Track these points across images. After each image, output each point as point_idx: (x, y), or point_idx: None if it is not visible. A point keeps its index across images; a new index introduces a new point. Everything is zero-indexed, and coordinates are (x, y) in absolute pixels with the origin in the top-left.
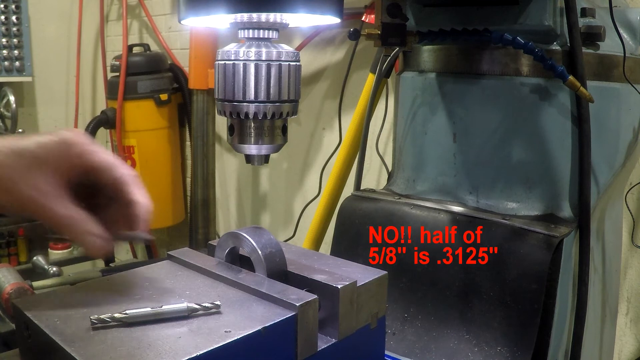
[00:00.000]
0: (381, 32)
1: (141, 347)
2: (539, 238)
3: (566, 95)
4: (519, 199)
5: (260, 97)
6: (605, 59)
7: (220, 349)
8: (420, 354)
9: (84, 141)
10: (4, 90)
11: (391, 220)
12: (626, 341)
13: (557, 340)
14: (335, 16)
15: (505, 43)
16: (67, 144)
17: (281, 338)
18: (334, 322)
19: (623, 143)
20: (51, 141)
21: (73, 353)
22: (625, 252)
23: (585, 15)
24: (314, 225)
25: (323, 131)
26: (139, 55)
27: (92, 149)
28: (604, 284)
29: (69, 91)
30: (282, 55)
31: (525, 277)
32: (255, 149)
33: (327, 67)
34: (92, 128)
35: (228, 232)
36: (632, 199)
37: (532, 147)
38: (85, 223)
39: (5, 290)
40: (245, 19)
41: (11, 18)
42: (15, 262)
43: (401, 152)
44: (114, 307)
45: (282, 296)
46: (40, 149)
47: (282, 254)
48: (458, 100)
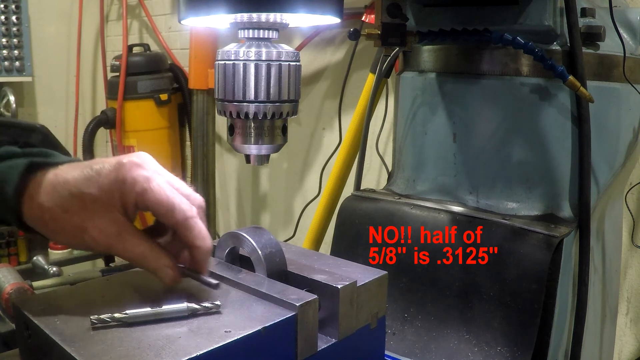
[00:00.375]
0: (381, 32)
1: (141, 347)
2: (539, 238)
3: (566, 95)
4: (519, 199)
5: (260, 97)
6: (605, 59)
7: (220, 349)
8: (420, 354)
9: (139, 176)
10: (4, 90)
11: (391, 220)
12: (626, 341)
13: (557, 340)
14: (335, 16)
15: (505, 43)
16: (123, 182)
17: (281, 338)
18: (334, 322)
19: (623, 143)
20: (107, 178)
21: (73, 353)
22: (625, 252)
23: (585, 15)
24: (314, 225)
25: (323, 131)
26: (139, 55)
27: (148, 187)
28: (604, 284)
29: (69, 91)
30: (282, 55)
31: (525, 277)
32: (255, 149)
33: (327, 67)
34: (92, 128)
35: (228, 232)
36: (632, 199)
37: (532, 147)
38: (156, 257)
39: (5, 290)
40: (245, 19)
41: (11, 18)
42: (15, 262)
43: (401, 152)
44: (114, 307)
45: (282, 296)
46: (96, 187)
47: (282, 254)
48: (458, 100)
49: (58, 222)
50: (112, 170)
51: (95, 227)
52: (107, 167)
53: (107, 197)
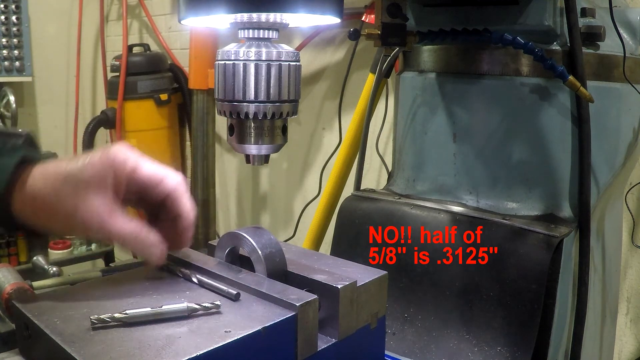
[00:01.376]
0: (381, 32)
1: (141, 347)
2: (539, 238)
3: (566, 95)
4: (519, 199)
5: (260, 97)
6: (605, 59)
7: (220, 349)
8: (420, 354)
9: (128, 157)
10: (4, 90)
11: (391, 220)
12: (626, 341)
13: (557, 340)
14: (335, 16)
15: (505, 43)
16: (114, 163)
17: (281, 338)
18: (334, 322)
19: (623, 143)
20: (98, 162)
21: (73, 353)
22: (625, 252)
23: (585, 15)
24: (314, 225)
25: (323, 131)
26: (139, 55)
27: (137, 165)
28: (604, 284)
29: (69, 91)
30: (282, 55)
31: (525, 277)
32: (255, 149)
33: (327, 67)
34: (92, 128)
35: (228, 232)
36: (632, 199)
37: (532, 147)
38: (146, 235)
39: (5, 290)
40: (245, 19)
41: (11, 18)
42: (15, 262)
43: (401, 152)
44: (114, 307)
45: (282, 296)
46: (89, 171)
47: (282, 254)
48: (458, 100)
49: (50, 208)
50: (102, 155)
51: (87, 209)
52: (97, 154)
53: (99, 179)
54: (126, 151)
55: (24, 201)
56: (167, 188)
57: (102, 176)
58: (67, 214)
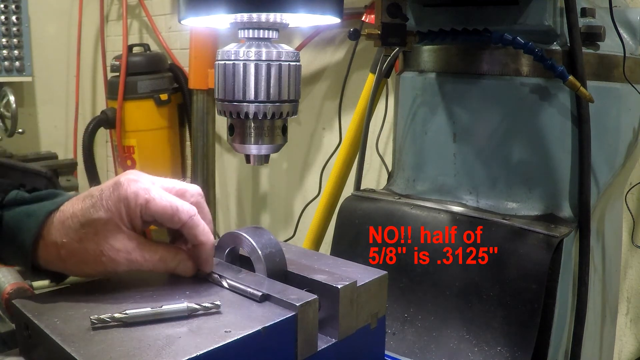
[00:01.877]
0: (381, 32)
1: (141, 347)
2: (539, 238)
3: (566, 95)
4: (519, 199)
5: (260, 97)
6: (605, 59)
7: (220, 349)
8: (420, 354)
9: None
10: (4, 90)
11: (391, 220)
12: (626, 341)
13: (557, 340)
14: (335, 16)
15: (505, 43)
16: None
17: (281, 338)
18: (334, 322)
19: (623, 143)
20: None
21: (73, 353)
22: (625, 252)
23: (585, 15)
24: (314, 225)
25: (323, 131)
26: (139, 55)
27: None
28: (604, 284)
29: (69, 91)
30: (282, 55)
31: (525, 277)
32: (255, 149)
33: (327, 67)
34: (92, 128)
35: (228, 232)
36: (632, 199)
37: (532, 147)
38: (174, 256)
39: (5, 290)
40: (245, 19)
41: (11, 18)
42: None
43: (401, 152)
44: (114, 307)
45: (282, 296)
46: (103, 211)
47: (282, 254)
48: (458, 100)
49: (75, 254)
50: (113, 191)
51: (111, 248)
52: (107, 190)
53: (114, 217)
54: (136, 183)
55: (48, 251)
56: (181, 220)
57: (117, 214)
58: (95, 259)
